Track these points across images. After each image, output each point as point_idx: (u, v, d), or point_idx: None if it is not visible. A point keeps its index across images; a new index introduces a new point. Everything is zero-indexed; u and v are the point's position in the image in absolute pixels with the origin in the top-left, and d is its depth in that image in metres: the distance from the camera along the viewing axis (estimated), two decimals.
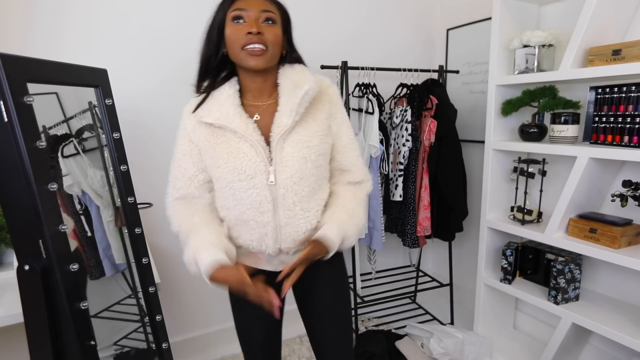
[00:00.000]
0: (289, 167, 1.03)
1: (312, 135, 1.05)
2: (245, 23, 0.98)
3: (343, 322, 1.23)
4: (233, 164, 1.03)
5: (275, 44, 1.01)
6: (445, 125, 2.12)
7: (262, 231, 1.07)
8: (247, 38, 0.97)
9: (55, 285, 0.91)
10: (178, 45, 1.96)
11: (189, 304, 2.19)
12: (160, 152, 2.01)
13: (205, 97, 1.07)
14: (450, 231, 2.24)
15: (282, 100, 1.04)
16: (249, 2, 0.99)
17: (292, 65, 1.09)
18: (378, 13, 2.45)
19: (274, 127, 1.03)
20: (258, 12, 0.98)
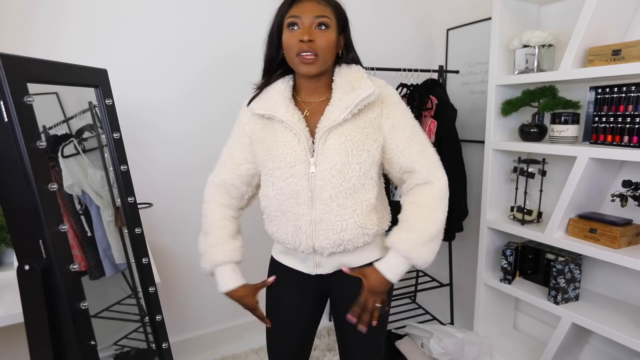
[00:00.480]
0: (329, 159, 1.03)
1: (357, 130, 1.04)
2: (299, 30, 1.01)
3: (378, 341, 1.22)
4: (275, 152, 1.06)
5: (327, 49, 1.02)
6: (445, 125, 2.12)
7: (297, 224, 1.07)
8: (299, 46, 1.00)
9: (55, 285, 0.91)
10: (178, 45, 1.96)
11: (189, 304, 2.19)
12: (161, 152, 2.01)
13: (259, 92, 1.12)
14: (450, 231, 2.23)
15: (335, 96, 1.05)
16: (303, 8, 1.01)
17: (349, 66, 1.11)
18: (378, 13, 2.45)
19: (323, 120, 1.04)
20: (311, 18, 1.00)
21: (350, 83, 1.06)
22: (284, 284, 1.20)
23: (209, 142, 2.07)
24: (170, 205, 2.05)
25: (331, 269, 1.14)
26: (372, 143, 1.05)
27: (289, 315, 1.20)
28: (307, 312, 1.22)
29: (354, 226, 1.05)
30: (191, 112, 2.04)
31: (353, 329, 1.11)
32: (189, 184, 2.08)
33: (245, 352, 2.22)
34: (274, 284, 1.19)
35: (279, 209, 1.09)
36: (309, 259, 1.13)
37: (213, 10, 2.01)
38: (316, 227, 1.05)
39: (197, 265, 2.26)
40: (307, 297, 1.20)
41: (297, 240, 1.08)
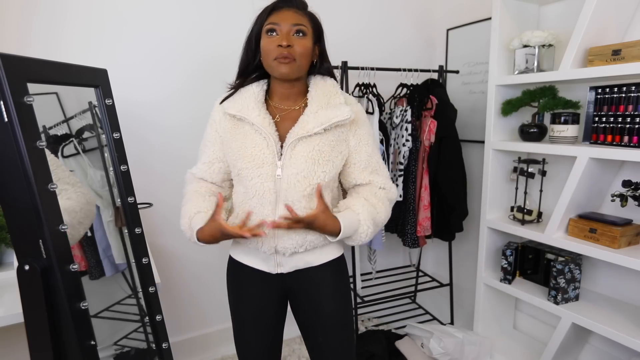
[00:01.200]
0: (296, 165, 1.08)
1: (325, 142, 1.10)
2: (277, 36, 1.06)
3: (350, 336, 1.25)
4: (244, 153, 1.11)
5: (304, 55, 1.08)
6: (445, 125, 2.12)
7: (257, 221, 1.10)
8: (278, 50, 1.05)
9: (55, 285, 0.90)
10: (178, 45, 1.96)
11: (189, 304, 2.19)
12: (161, 152, 2.01)
13: (232, 92, 1.17)
14: (450, 231, 2.24)
15: (311, 108, 1.11)
16: (282, 16, 1.07)
17: (324, 78, 1.18)
18: (378, 13, 2.45)
19: (296, 128, 1.10)
20: (289, 25, 1.06)
21: (325, 97, 1.13)
22: (246, 283, 1.22)
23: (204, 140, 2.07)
24: (170, 205, 2.05)
25: (292, 268, 1.18)
26: (337, 155, 1.13)
27: (253, 315, 1.22)
28: (271, 312, 1.24)
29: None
30: (191, 112, 2.04)
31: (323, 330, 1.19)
32: None
33: None
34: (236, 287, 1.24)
35: (244, 207, 1.13)
36: (271, 258, 1.17)
37: (213, 10, 2.01)
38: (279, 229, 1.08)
39: (197, 265, 2.27)
40: (270, 297, 1.22)
41: (260, 241, 1.13)
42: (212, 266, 2.21)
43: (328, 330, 1.20)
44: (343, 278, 1.25)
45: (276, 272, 1.18)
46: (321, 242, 1.15)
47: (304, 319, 1.24)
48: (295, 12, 1.09)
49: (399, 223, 2.28)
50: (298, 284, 1.20)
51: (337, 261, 1.23)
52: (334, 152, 1.12)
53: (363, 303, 2.31)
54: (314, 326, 1.22)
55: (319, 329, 1.21)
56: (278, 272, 1.18)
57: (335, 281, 1.21)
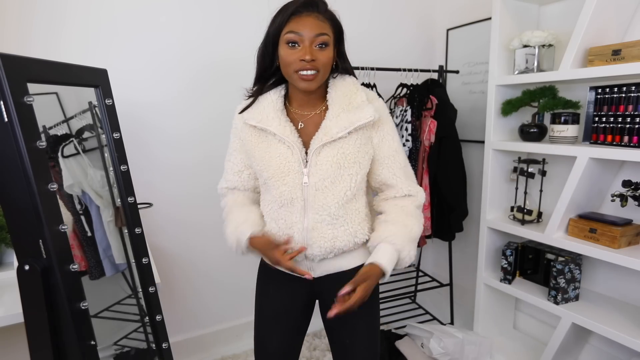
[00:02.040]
0: (322, 170, 1.06)
1: (350, 143, 1.07)
2: (299, 48, 1.01)
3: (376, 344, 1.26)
4: (269, 162, 1.09)
5: (327, 65, 1.04)
6: (445, 125, 2.12)
7: (289, 232, 1.09)
8: (300, 64, 1.00)
9: (55, 285, 0.90)
10: (178, 45, 1.96)
11: (189, 304, 2.19)
12: (161, 152, 2.01)
13: (252, 102, 1.13)
14: (450, 231, 2.24)
15: (332, 111, 1.07)
16: (303, 23, 1.00)
17: (344, 77, 1.13)
18: (378, 13, 2.45)
19: (320, 134, 1.06)
20: (312, 36, 1.00)
21: (346, 97, 1.08)
22: (274, 286, 1.21)
23: (209, 142, 2.07)
24: (170, 205, 2.05)
25: (322, 273, 1.16)
26: (363, 155, 1.09)
27: (279, 314, 1.21)
28: (297, 313, 1.22)
29: (345, 234, 1.09)
30: (191, 112, 2.04)
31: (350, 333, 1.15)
32: (189, 184, 2.08)
33: (245, 352, 2.22)
34: (264, 285, 1.23)
35: (273, 215, 1.12)
36: (301, 264, 1.14)
37: (215, 13, 2.01)
38: (308, 235, 1.08)
39: (197, 265, 2.27)
40: (298, 299, 1.21)
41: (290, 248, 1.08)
42: (213, 266, 2.21)
43: (355, 334, 1.18)
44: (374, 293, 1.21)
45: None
46: (351, 247, 1.12)
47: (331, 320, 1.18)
48: (316, 18, 1.01)
49: None
50: (328, 287, 1.15)
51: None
52: (360, 153, 1.08)
53: None
54: (341, 329, 1.19)
55: (346, 333, 1.19)
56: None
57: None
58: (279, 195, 1.08)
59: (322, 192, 1.06)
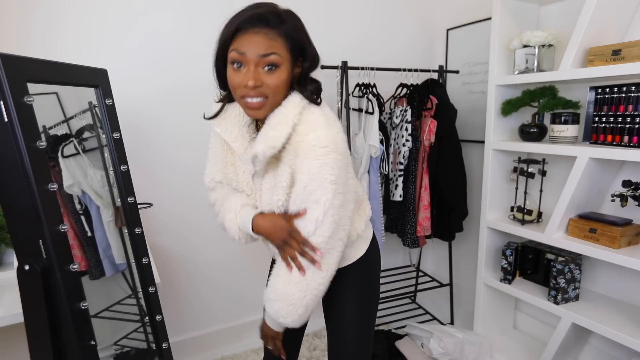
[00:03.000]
0: (264, 199, 1.04)
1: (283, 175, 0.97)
2: (243, 70, 0.90)
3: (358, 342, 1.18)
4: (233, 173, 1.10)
5: (277, 91, 0.93)
6: (445, 125, 2.12)
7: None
8: (244, 90, 0.91)
9: (55, 285, 0.91)
10: (178, 45, 1.96)
11: (189, 304, 2.19)
12: (161, 152, 2.01)
13: (220, 109, 1.08)
14: (450, 231, 2.24)
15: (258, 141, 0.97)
16: (248, 42, 0.88)
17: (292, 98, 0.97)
18: (378, 13, 2.45)
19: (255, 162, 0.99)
20: (257, 57, 0.88)
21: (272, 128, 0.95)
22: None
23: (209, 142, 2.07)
24: (170, 205, 2.05)
25: None
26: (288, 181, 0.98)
27: None
28: None
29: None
30: (191, 111, 2.04)
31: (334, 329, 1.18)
32: (189, 184, 2.08)
33: (245, 352, 2.22)
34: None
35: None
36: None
37: (214, 8, 2.01)
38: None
39: (197, 265, 2.27)
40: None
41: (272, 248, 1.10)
42: (213, 266, 2.21)
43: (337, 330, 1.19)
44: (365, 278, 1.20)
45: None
46: None
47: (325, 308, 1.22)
48: (265, 35, 0.88)
49: (399, 223, 2.28)
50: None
51: (360, 262, 1.17)
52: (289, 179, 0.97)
53: None
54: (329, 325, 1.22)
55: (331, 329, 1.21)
56: None
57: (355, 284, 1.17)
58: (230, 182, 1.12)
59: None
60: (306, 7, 2.24)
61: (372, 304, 1.25)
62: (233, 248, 2.23)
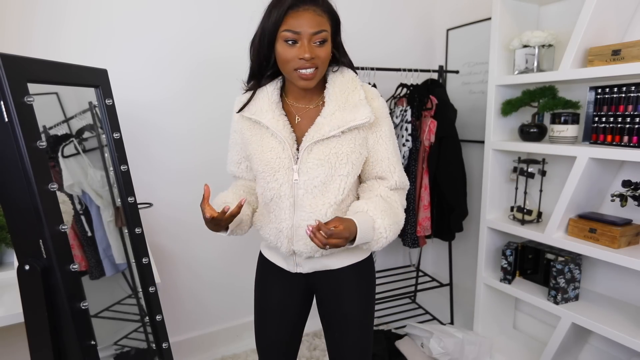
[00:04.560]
0: (312, 169, 1.04)
1: (344, 143, 1.04)
2: (297, 46, 0.98)
3: (366, 340, 1.21)
4: (261, 157, 1.08)
5: (326, 61, 1.02)
6: (445, 125, 2.12)
7: (278, 227, 1.09)
8: (299, 63, 0.98)
9: (55, 285, 0.91)
10: (178, 44, 1.96)
11: (189, 304, 2.19)
12: (161, 152, 2.01)
13: (251, 96, 1.12)
14: (450, 231, 2.24)
15: (329, 108, 1.05)
16: (302, 20, 0.96)
17: (343, 72, 1.10)
18: (378, 13, 2.45)
19: (312, 131, 1.04)
20: (311, 33, 0.97)
21: (344, 95, 1.05)
22: (270, 278, 1.23)
23: (209, 142, 2.07)
24: (170, 205, 2.05)
25: (310, 269, 1.16)
26: (357, 156, 1.06)
27: (275, 310, 1.22)
28: (293, 309, 1.23)
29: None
30: (191, 111, 2.04)
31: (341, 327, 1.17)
32: (189, 183, 2.08)
33: (245, 352, 2.22)
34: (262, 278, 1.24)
35: (265, 208, 1.13)
36: (290, 259, 1.16)
37: (214, 10, 2.01)
38: (296, 232, 1.08)
39: (197, 265, 2.27)
40: (292, 293, 1.21)
41: (279, 242, 1.10)
42: (212, 266, 2.21)
43: (345, 328, 1.18)
44: (368, 280, 1.21)
45: (295, 271, 1.17)
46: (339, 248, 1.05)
47: (324, 313, 1.22)
48: (314, 12, 0.98)
49: None
50: (321, 282, 1.18)
51: (362, 263, 1.18)
52: (354, 153, 1.05)
53: None
54: (332, 322, 1.20)
55: (337, 326, 1.19)
56: (297, 272, 1.17)
57: (358, 283, 1.18)
58: (269, 189, 1.08)
59: (311, 192, 1.04)
60: None
61: (374, 301, 1.27)
62: (233, 248, 2.23)
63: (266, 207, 1.12)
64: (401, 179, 1.13)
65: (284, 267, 1.19)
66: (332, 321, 1.20)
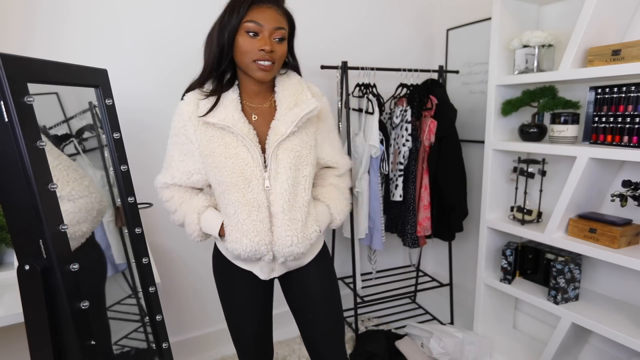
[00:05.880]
0: (281, 174, 1.09)
1: (303, 146, 1.12)
2: (259, 38, 1.04)
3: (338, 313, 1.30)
4: (232, 166, 1.08)
5: (282, 58, 1.10)
6: (445, 125, 2.12)
7: (258, 237, 1.10)
8: (259, 54, 1.04)
9: (55, 285, 0.91)
10: (178, 44, 1.96)
11: (189, 304, 2.19)
12: (161, 152, 2.00)
13: (216, 101, 1.12)
14: (450, 231, 2.24)
15: (280, 111, 1.12)
16: (264, 15, 1.03)
17: (289, 75, 1.18)
18: (378, 13, 2.45)
19: (271, 134, 1.09)
20: (272, 28, 1.05)
21: (293, 97, 1.13)
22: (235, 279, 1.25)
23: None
24: None
25: (283, 272, 1.22)
26: (313, 157, 1.16)
27: (246, 304, 1.26)
28: (261, 299, 1.28)
29: (303, 239, 1.12)
30: None
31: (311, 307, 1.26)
32: None
33: None
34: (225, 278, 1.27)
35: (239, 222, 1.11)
36: (267, 267, 1.19)
37: (215, 11, 2.01)
38: (274, 236, 1.11)
39: (197, 265, 2.26)
40: (259, 293, 1.27)
41: (258, 252, 1.11)
42: None
43: (316, 307, 1.25)
44: (327, 262, 1.31)
45: (269, 277, 1.22)
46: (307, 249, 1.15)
47: (293, 298, 1.29)
48: (276, 11, 1.06)
49: (399, 223, 2.28)
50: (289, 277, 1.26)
51: (321, 251, 1.28)
52: (310, 155, 1.14)
53: (363, 303, 2.31)
54: (303, 304, 1.27)
55: (308, 307, 1.26)
56: (271, 277, 1.22)
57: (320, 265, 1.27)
58: (245, 202, 1.08)
59: (282, 195, 1.09)
60: (307, 7, 2.24)
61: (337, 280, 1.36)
62: None
63: (239, 221, 1.10)
64: (346, 165, 1.30)
65: (256, 274, 1.21)
66: (303, 303, 1.26)
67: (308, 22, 2.23)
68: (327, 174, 1.28)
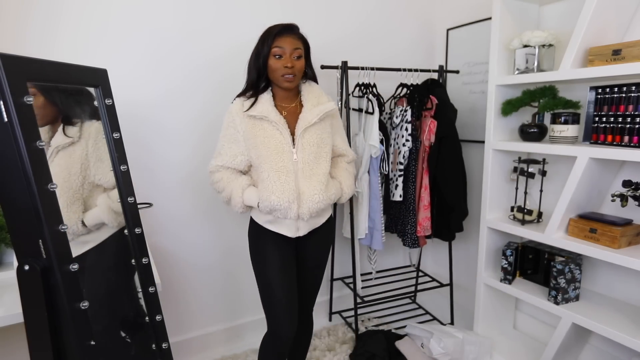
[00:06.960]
0: (307, 149, 1.47)
1: (323, 132, 1.53)
2: (282, 59, 1.45)
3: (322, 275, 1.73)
4: (267, 144, 1.45)
5: (301, 71, 1.50)
6: (445, 125, 2.12)
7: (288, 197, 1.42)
8: (284, 70, 1.45)
9: (55, 285, 0.91)
10: (177, 45, 1.96)
11: (189, 304, 2.19)
12: (161, 152, 2.01)
13: (255, 101, 1.50)
14: (450, 231, 2.24)
15: (306, 107, 1.52)
16: (285, 41, 1.44)
17: (310, 84, 1.59)
18: (378, 13, 2.45)
19: (300, 122, 1.48)
20: (291, 50, 1.45)
21: (315, 98, 1.54)
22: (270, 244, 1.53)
23: (210, 142, 2.07)
24: (170, 205, 2.05)
25: (306, 231, 1.53)
26: (330, 141, 1.56)
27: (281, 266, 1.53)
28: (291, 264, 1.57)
29: (325, 197, 1.48)
30: (191, 111, 2.04)
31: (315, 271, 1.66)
32: (189, 184, 2.08)
33: (245, 352, 2.22)
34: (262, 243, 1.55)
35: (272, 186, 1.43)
36: (293, 224, 1.50)
37: (211, 9, 2.01)
38: (300, 197, 1.44)
39: (197, 265, 2.27)
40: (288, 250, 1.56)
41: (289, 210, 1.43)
42: (212, 266, 2.21)
43: (317, 271, 1.67)
44: (333, 233, 1.81)
45: (296, 236, 1.52)
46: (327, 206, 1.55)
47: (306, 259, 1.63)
48: (294, 38, 1.46)
49: (399, 223, 2.28)
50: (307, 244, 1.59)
51: (329, 220, 1.64)
52: (329, 138, 1.55)
53: (363, 303, 2.31)
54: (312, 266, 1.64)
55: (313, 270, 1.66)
56: (297, 236, 1.52)
57: (328, 236, 1.66)
58: (277, 169, 1.43)
59: (308, 164, 1.46)
60: (307, 7, 2.24)
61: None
62: (233, 248, 2.23)
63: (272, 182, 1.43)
64: (352, 155, 1.72)
65: (285, 234, 1.51)
66: (312, 266, 1.64)
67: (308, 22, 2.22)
68: (340, 160, 1.67)
